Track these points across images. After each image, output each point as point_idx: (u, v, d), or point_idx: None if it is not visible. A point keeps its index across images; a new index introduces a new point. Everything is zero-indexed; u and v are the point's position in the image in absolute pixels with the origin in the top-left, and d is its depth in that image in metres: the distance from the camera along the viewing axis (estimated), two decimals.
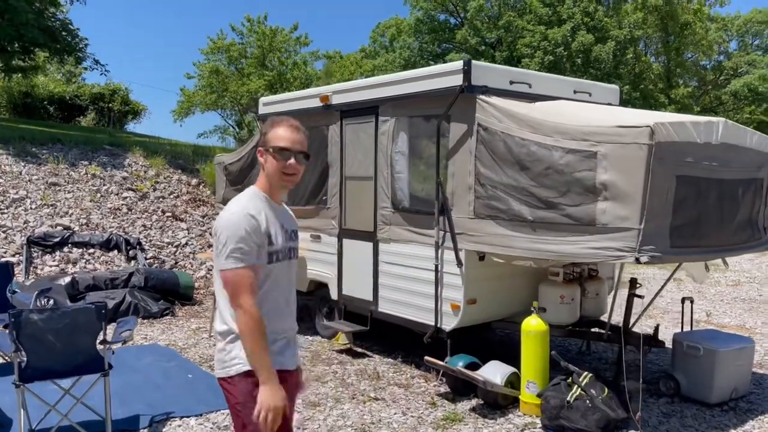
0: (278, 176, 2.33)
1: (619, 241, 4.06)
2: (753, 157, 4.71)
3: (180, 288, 8.23)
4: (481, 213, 4.83)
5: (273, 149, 2.32)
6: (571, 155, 4.27)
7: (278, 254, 2.32)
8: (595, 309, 5.55)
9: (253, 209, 2.27)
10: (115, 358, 4.28)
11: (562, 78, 6.01)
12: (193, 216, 11.27)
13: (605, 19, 27.66)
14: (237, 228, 2.20)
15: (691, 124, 4.16)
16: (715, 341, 4.92)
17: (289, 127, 2.34)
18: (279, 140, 2.32)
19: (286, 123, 2.35)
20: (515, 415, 4.64)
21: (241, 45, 26.56)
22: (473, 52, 29.73)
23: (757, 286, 10.35)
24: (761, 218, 4.99)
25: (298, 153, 2.34)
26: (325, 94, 6.36)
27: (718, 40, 35.36)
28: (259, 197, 2.35)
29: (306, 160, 2.37)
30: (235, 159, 8.32)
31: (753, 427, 4.45)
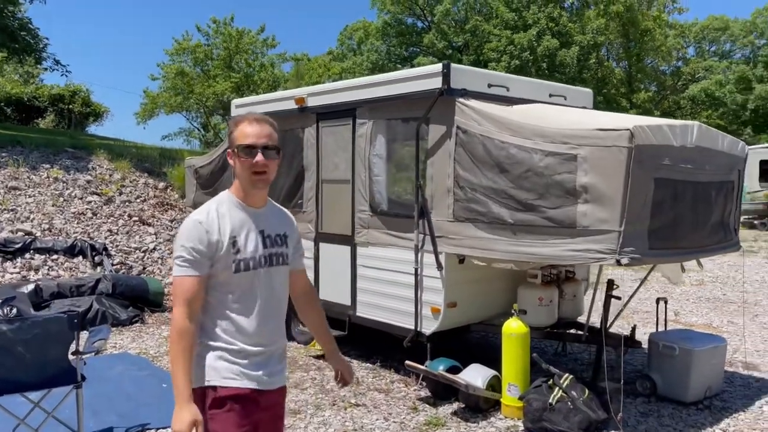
0: (248, 176, 2.16)
1: (599, 243, 4.09)
2: (724, 160, 4.81)
3: (149, 294, 8.02)
4: (460, 216, 4.82)
5: (238, 149, 2.15)
6: (551, 158, 4.29)
7: (248, 262, 2.15)
8: (573, 310, 5.60)
9: (205, 216, 2.13)
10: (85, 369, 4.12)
11: (538, 81, 6.05)
12: (160, 220, 11.02)
13: (569, 25, 28.16)
14: (183, 235, 2.11)
15: (667, 127, 4.23)
16: (690, 341, 5.01)
17: (253, 122, 2.17)
18: (243, 138, 2.15)
19: (249, 118, 2.19)
20: (497, 419, 4.64)
21: (207, 46, 26.19)
22: (440, 55, 29.94)
23: (720, 286, 10.62)
24: (732, 220, 5.10)
25: (265, 148, 2.15)
26: (301, 96, 6.28)
27: (676, 47, 36.37)
28: (227, 202, 2.20)
29: (277, 154, 2.19)
30: (206, 162, 8.16)
31: (729, 426, 4.53)
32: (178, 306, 2.08)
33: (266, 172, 2.16)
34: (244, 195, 2.21)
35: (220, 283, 2.14)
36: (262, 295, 2.19)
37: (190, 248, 2.08)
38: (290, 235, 2.36)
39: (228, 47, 25.79)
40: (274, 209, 2.36)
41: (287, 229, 2.35)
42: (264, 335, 2.20)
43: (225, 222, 2.14)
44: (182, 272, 2.08)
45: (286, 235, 2.33)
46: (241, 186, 2.20)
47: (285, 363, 2.35)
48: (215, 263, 2.11)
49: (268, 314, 2.22)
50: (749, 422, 4.58)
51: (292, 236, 2.38)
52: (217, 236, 2.11)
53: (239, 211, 2.19)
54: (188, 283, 2.08)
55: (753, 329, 7.39)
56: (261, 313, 2.19)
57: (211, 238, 2.10)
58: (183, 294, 2.08)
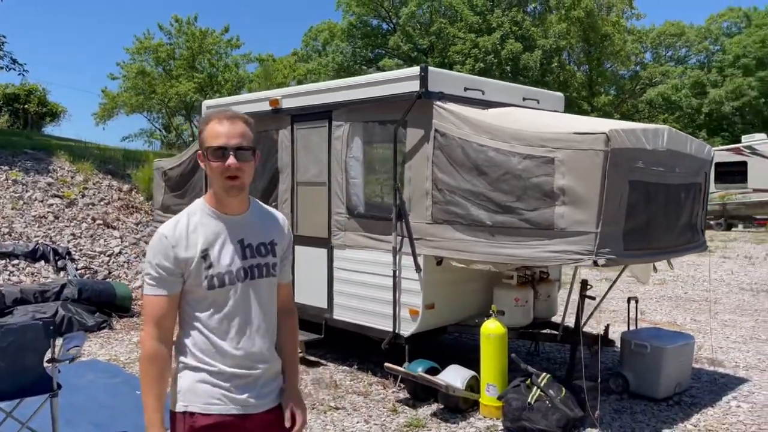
0: (220, 182, 1.92)
1: (576, 244, 4.18)
2: (692, 163, 4.96)
3: (117, 299, 7.83)
4: (439, 218, 4.85)
5: (208, 151, 1.91)
6: (528, 161, 4.36)
7: (222, 277, 1.93)
8: (547, 310, 5.70)
9: (172, 229, 1.92)
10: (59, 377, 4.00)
11: (512, 85, 6.14)
12: (126, 223, 10.78)
13: (532, 29, 28.65)
14: (149, 250, 1.93)
15: (641, 131, 4.34)
16: (661, 339, 5.15)
17: (223, 120, 1.92)
18: (213, 138, 1.90)
19: (220, 116, 1.94)
20: (476, 419, 4.69)
21: (169, 46, 25.74)
22: (406, 58, 30.11)
23: (681, 284, 10.95)
24: (699, 221, 5.27)
25: (239, 149, 1.89)
26: (275, 97, 6.23)
27: (634, 51, 37.33)
28: (200, 211, 1.98)
29: (252, 155, 1.94)
30: (174, 164, 8.03)
31: (699, 420, 4.67)
32: (147, 327, 1.91)
33: (239, 176, 1.91)
34: (218, 202, 1.98)
35: (195, 299, 1.94)
36: (241, 312, 1.96)
37: (156, 265, 1.90)
38: (279, 243, 2.10)
39: (191, 47, 25.42)
40: (260, 214, 2.10)
41: (276, 236, 2.08)
42: (246, 357, 1.96)
43: (196, 235, 1.93)
44: (150, 291, 1.92)
45: (273, 242, 2.07)
46: (214, 192, 1.98)
47: (280, 382, 2.09)
48: (187, 279, 1.91)
49: (251, 333, 1.98)
50: (718, 417, 4.73)
51: (282, 243, 2.11)
52: (185, 252, 1.90)
53: (213, 221, 1.97)
54: (156, 302, 1.90)
55: (715, 326, 7.64)
56: (241, 333, 1.96)
57: (179, 254, 1.90)
58: (151, 314, 1.91)
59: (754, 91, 35.34)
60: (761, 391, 5.27)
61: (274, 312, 2.09)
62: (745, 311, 8.53)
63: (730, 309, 8.70)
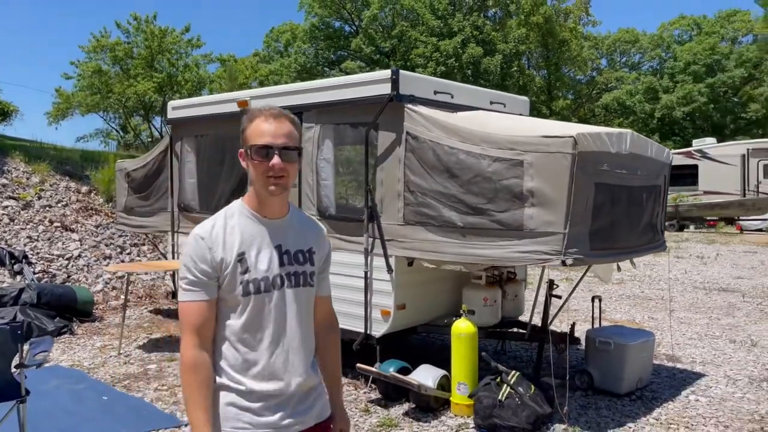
0: (262, 182, 1.83)
1: (545, 244, 4.29)
2: (653, 166, 5.15)
3: (78, 304, 7.65)
4: (410, 219, 4.91)
5: (251, 149, 1.82)
6: (498, 163, 4.46)
7: (259, 284, 1.83)
8: (514, 310, 5.82)
9: (209, 230, 1.83)
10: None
11: (480, 89, 6.25)
12: (85, 226, 10.52)
13: (493, 33, 29.08)
14: (185, 253, 1.84)
15: (605, 134, 4.48)
16: (624, 336, 5.32)
17: (270, 118, 1.83)
18: (258, 136, 1.82)
19: (266, 113, 1.85)
20: (448, 417, 4.76)
21: (127, 44, 25.21)
22: (368, 60, 30.19)
23: (638, 284, 11.29)
24: (659, 222, 5.47)
25: (284, 149, 1.82)
26: (244, 99, 6.20)
27: (591, 57, 38.30)
28: (238, 213, 1.89)
29: (298, 156, 1.87)
30: (138, 165, 7.89)
31: (660, 414, 4.85)
32: (185, 335, 1.80)
33: (284, 176, 1.83)
34: (259, 204, 1.89)
35: (228, 307, 1.85)
36: (276, 322, 1.86)
37: (193, 268, 1.80)
38: (317, 251, 1.98)
39: (150, 46, 24.95)
40: (300, 220, 2.00)
41: (314, 244, 1.98)
42: (279, 372, 1.85)
43: (233, 236, 1.84)
44: (187, 296, 1.81)
45: (311, 250, 1.96)
46: (255, 193, 1.89)
47: (318, 398, 1.98)
48: (221, 284, 1.82)
49: (285, 346, 1.87)
50: (678, 411, 4.91)
51: (320, 252, 2.00)
52: (222, 253, 1.81)
53: (252, 223, 1.88)
54: (196, 309, 1.80)
55: (671, 323, 7.91)
56: (275, 344, 1.85)
57: (215, 256, 1.81)
58: (190, 322, 1.80)
59: (703, 97, 36.67)
60: (718, 386, 5.49)
61: (310, 325, 1.97)
62: (699, 309, 8.86)
63: (684, 307, 9.02)
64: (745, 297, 9.67)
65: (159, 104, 25.57)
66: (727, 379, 5.68)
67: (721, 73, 37.40)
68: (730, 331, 7.47)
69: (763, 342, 6.94)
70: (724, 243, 16.91)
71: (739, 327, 7.70)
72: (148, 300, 9.10)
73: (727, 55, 37.92)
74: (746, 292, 10.11)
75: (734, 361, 6.23)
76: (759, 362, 6.18)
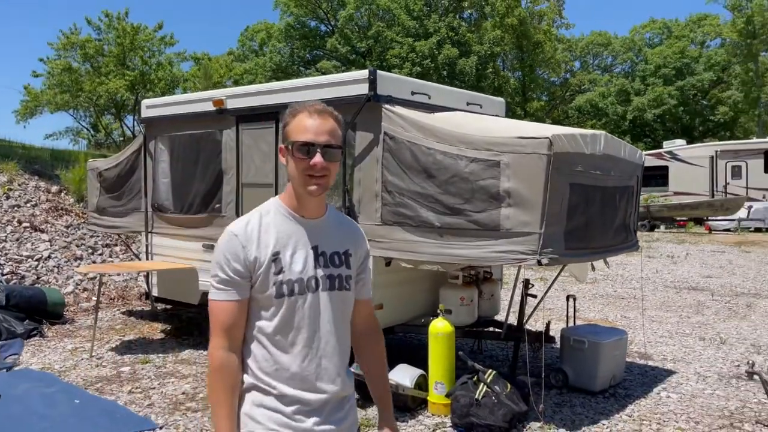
0: (301, 180, 1.75)
1: (521, 244, 4.34)
2: (626, 167, 5.23)
3: (48, 305, 7.49)
4: (388, 219, 4.92)
5: (293, 146, 1.74)
6: (475, 164, 4.50)
7: (293, 285, 1.76)
8: (490, 309, 5.87)
9: (243, 227, 1.77)
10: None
11: (457, 90, 6.29)
12: (55, 226, 10.32)
13: (468, 35, 29.27)
14: (218, 251, 1.77)
15: (580, 136, 4.55)
16: (598, 335, 5.39)
17: (314, 113, 1.76)
18: (300, 132, 1.73)
19: (309, 108, 1.77)
20: (425, 416, 4.77)
21: (98, 41, 24.78)
22: (344, 60, 30.15)
23: (611, 283, 11.47)
24: (632, 222, 5.56)
25: (327, 146, 1.74)
26: (219, 98, 6.14)
27: (564, 59, 38.79)
28: (274, 211, 1.82)
29: (340, 155, 1.80)
30: (111, 165, 7.77)
31: (633, 411, 4.93)
32: (214, 336, 1.74)
33: (326, 175, 1.76)
34: (296, 203, 1.81)
35: (259, 308, 1.77)
36: (309, 326, 1.79)
37: (226, 267, 1.74)
38: (354, 254, 1.90)
39: (122, 43, 24.57)
40: (337, 220, 1.93)
41: (351, 246, 1.90)
42: (311, 377, 1.78)
43: (268, 235, 1.77)
44: (218, 296, 1.75)
45: (347, 253, 1.88)
46: (294, 191, 1.81)
47: (352, 408, 1.91)
48: (254, 284, 1.75)
49: (318, 350, 1.79)
50: (650, 407, 5.00)
51: (357, 254, 1.92)
52: (256, 252, 1.74)
53: (288, 222, 1.81)
54: (225, 308, 1.74)
55: (644, 322, 8.05)
56: (307, 348, 1.78)
57: (249, 255, 1.74)
58: (220, 322, 1.74)
59: (673, 100, 37.42)
60: (688, 382, 5.61)
61: (346, 330, 1.89)
62: (670, 307, 9.03)
63: (656, 306, 9.18)
64: (714, 295, 9.89)
65: (131, 103, 25.21)
66: (697, 375, 5.80)
67: (690, 76, 38.20)
68: (699, 329, 7.63)
69: (732, 339, 7.11)
70: (694, 243, 17.27)
71: (708, 325, 7.87)
72: (120, 301, 8.96)
73: (696, 58, 38.76)
74: (715, 290, 10.34)
75: (704, 359, 6.36)
76: (728, 359, 6.32)
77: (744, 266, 12.90)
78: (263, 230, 1.78)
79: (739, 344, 6.91)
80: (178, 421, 4.62)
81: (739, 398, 5.18)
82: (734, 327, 7.75)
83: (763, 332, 7.40)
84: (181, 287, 6.80)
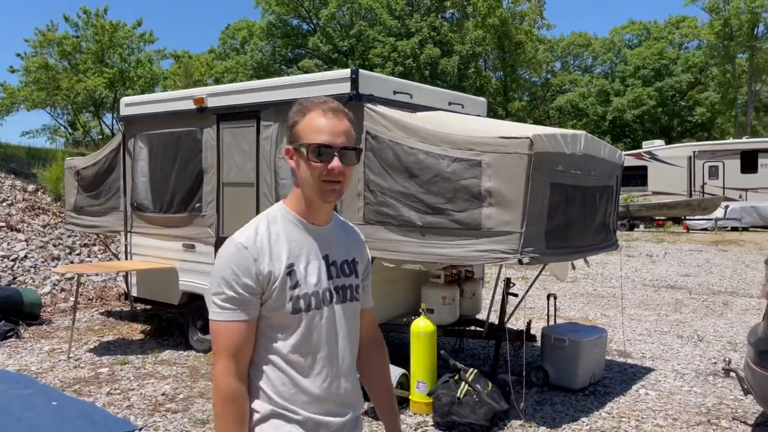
0: (316, 186, 1.60)
1: (502, 243, 4.36)
2: (606, 167, 5.29)
3: (24, 306, 7.37)
4: (370, 219, 4.91)
5: (307, 148, 1.58)
6: (457, 164, 4.51)
7: (309, 299, 1.61)
8: (472, 308, 5.89)
9: (252, 238, 1.58)
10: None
11: (439, 90, 6.31)
12: (31, 226, 10.16)
13: (450, 35, 29.35)
14: (223, 264, 1.57)
15: (560, 136, 4.58)
16: (578, 333, 5.45)
17: (328, 112, 1.60)
18: (315, 133, 1.57)
19: (322, 106, 1.61)
20: (407, 415, 4.78)
21: (75, 38, 24.41)
22: (326, 59, 30.08)
23: (591, 282, 11.58)
24: (612, 221, 5.62)
25: (344, 149, 1.60)
26: (200, 96, 6.09)
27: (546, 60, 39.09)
28: (281, 218, 1.65)
29: (357, 158, 1.64)
30: (89, 163, 7.66)
31: (612, 409, 4.98)
32: (221, 361, 1.55)
33: (342, 181, 1.61)
34: (307, 209, 1.65)
35: (272, 326, 1.60)
36: (328, 343, 1.64)
37: (234, 283, 1.54)
38: (360, 261, 1.79)
39: (100, 40, 24.21)
40: (341, 226, 1.79)
41: (356, 254, 1.78)
42: (334, 399, 1.65)
43: (279, 245, 1.60)
44: (224, 316, 1.55)
45: (355, 261, 1.77)
46: (305, 197, 1.64)
47: (362, 427, 1.80)
48: (266, 301, 1.58)
49: (338, 369, 1.66)
50: (629, 404, 5.06)
51: (363, 262, 1.81)
52: (269, 265, 1.57)
53: (298, 231, 1.65)
54: (234, 329, 1.55)
55: (623, 320, 8.14)
56: (328, 368, 1.64)
57: (261, 269, 1.56)
58: (226, 345, 1.55)
59: (652, 101, 37.90)
60: (666, 380, 5.68)
61: (357, 344, 1.78)
62: (649, 306, 9.14)
63: (635, 304, 9.29)
64: (691, 294, 10.04)
65: (110, 100, 24.88)
66: (675, 373, 5.88)
67: (668, 77, 38.72)
68: (677, 327, 7.74)
69: (709, 337, 7.22)
70: (672, 242, 17.51)
71: (686, 323, 7.98)
72: (99, 302, 8.85)
73: (675, 60, 39.29)
74: (692, 289, 10.49)
75: (682, 356, 6.45)
76: (705, 356, 6.42)
77: (721, 265, 13.11)
78: (273, 240, 1.61)
79: (716, 342, 7.02)
80: (158, 423, 4.57)
81: (716, 395, 5.26)
82: (711, 325, 7.87)
83: (740, 330, 7.53)
84: (161, 287, 6.74)
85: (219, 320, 1.57)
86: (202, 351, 6.35)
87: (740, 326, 7.73)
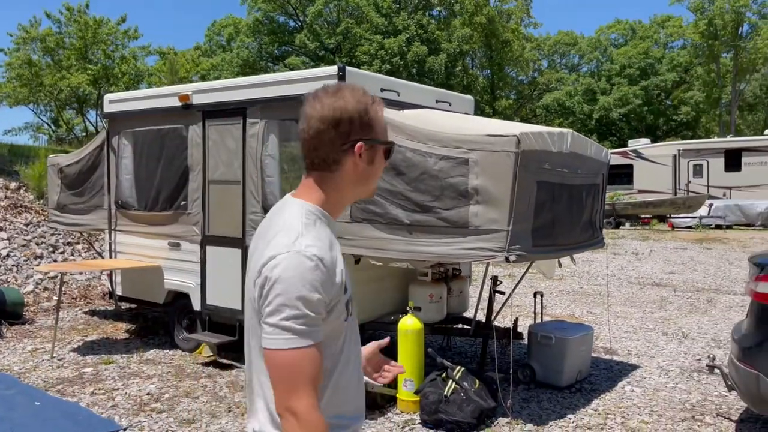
0: (372, 185, 1.51)
1: (489, 241, 4.36)
2: (593, 165, 5.31)
3: (7, 305, 7.27)
4: (358, 217, 4.89)
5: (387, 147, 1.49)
6: (444, 161, 4.50)
7: (351, 302, 1.48)
8: (459, 306, 5.89)
9: (327, 250, 1.39)
10: None
11: (426, 87, 6.29)
12: (14, 224, 10.02)
13: (437, 33, 29.36)
14: (297, 282, 1.32)
15: (547, 134, 4.59)
16: (565, 330, 5.46)
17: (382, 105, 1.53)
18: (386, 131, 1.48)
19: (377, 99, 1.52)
20: (394, 414, 4.77)
21: (58, 34, 24.11)
22: (313, 56, 29.98)
23: (577, 279, 11.64)
24: (598, 219, 5.64)
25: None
26: (185, 93, 6.03)
27: (532, 58, 39.24)
28: (322, 221, 1.46)
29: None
30: (72, 161, 7.56)
31: (598, 405, 5.01)
32: (305, 395, 1.31)
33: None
34: (335, 206, 1.52)
35: (330, 337, 1.43)
36: (357, 347, 1.54)
37: (317, 302, 1.33)
38: None
39: (83, 36, 23.94)
40: None
41: None
42: (361, 402, 1.54)
43: (337, 252, 1.45)
44: (302, 342, 1.32)
45: None
46: (346, 194, 1.51)
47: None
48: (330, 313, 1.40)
49: (360, 372, 1.56)
50: (615, 401, 5.09)
51: None
52: (339, 276, 1.41)
53: (330, 231, 1.49)
54: (314, 356, 1.33)
55: (609, 318, 8.19)
56: (357, 371, 1.53)
57: (335, 280, 1.39)
58: (309, 375, 1.32)
59: (638, 99, 38.19)
60: (651, 376, 5.72)
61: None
62: (634, 303, 9.20)
63: (621, 301, 9.35)
64: (676, 291, 10.12)
65: (94, 97, 24.62)
66: (660, 370, 5.92)
67: (654, 76, 39.03)
68: (662, 324, 7.80)
69: (693, 334, 7.28)
70: (657, 240, 17.65)
71: (671, 320, 8.05)
72: (83, 301, 8.75)
73: (660, 59, 39.61)
74: (677, 286, 10.58)
75: (667, 353, 6.50)
76: (690, 353, 6.47)
77: (705, 263, 13.23)
78: (334, 248, 1.44)
79: (701, 338, 7.08)
80: (143, 423, 4.52)
81: (700, 391, 5.30)
82: (696, 322, 7.93)
83: (724, 327, 7.60)
84: (146, 286, 6.67)
85: (301, 347, 1.32)
86: (188, 350, 6.30)
87: (724, 323, 7.80)
